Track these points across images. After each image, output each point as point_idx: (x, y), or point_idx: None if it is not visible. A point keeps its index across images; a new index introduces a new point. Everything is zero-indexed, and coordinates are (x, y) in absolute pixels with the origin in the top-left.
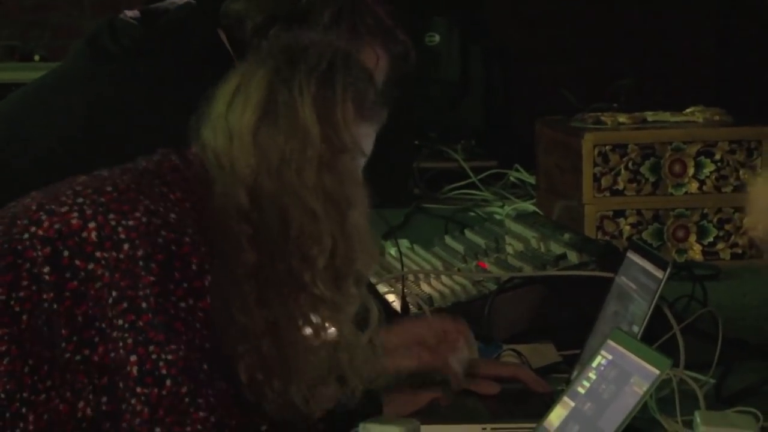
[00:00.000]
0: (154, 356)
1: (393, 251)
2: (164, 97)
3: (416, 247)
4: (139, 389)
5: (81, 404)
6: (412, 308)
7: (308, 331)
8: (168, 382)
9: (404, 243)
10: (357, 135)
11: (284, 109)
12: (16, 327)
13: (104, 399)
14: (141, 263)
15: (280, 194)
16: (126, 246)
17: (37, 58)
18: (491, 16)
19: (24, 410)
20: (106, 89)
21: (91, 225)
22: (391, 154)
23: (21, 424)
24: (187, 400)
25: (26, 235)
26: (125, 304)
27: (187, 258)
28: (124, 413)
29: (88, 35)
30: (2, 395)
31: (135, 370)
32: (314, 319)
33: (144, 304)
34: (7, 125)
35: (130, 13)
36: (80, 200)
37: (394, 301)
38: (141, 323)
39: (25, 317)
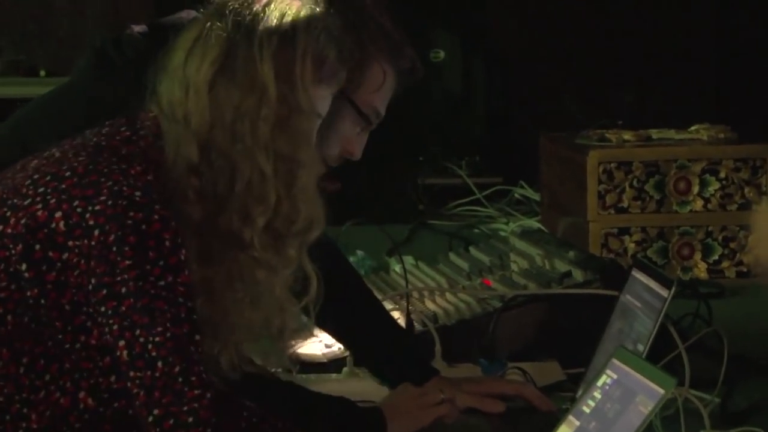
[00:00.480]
0: (141, 339)
1: (397, 268)
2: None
3: (420, 264)
4: (132, 373)
5: (82, 394)
6: (417, 326)
7: (241, 291)
8: (159, 364)
9: (408, 260)
10: (314, 96)
11: (243, 65)
12: (3, 328)
13: (112, 378)
14: (114, 248)
15: (230, 150)
16: (96, 232)
17: (42, 73)
18: (494, 29)
19: (25, 410)
20: (107, 95)
21: (58, 215)
22: (394, 170)
23: (24, 425)
24: (180, 379)
25: None
26: (105, 291)
27: (159, 235)
28: (124, 391)
29: (94, 49)
30: (0, 398)
31: (125, 354)
32: (249, 279)
33: (123, 289)
34: (16, 139)
35: (138, 28)
36: (41, 190)
37: (399, 318)
38: (123, 308)
39: (9, 317)
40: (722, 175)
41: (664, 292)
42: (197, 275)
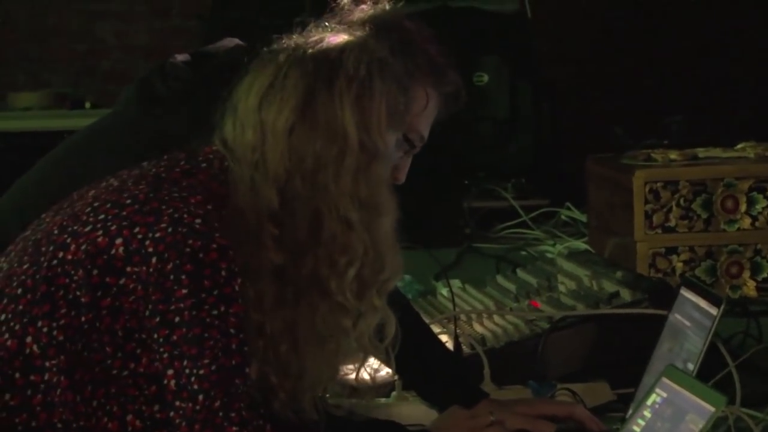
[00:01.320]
0: (187, 371)
1: (445, 291)
2: (211, 137)
3: (468, 287)
4: (177, 403)
5: (129, 417)
6: (465, 349)
7: (327, 337)
8: (201, 397)
9: (456, 283)
10: (389, 142)
11: (323, 113)
12: (63, 356)
13: (156, 407)
14: (171, 276)
15: (312, 198)
16: (154, 259)
17: (88, 105)
18: (539, 54)
19: None
20: (154, 132)
21: (118, 241)
22: (441, 194)
23: None
24: (221, 414)
25: (55, 262)
26: (158, 319)
27: (215, 264)
28: (167, 423)
29: (138, 79)
30: (59, 425)
31: (173, 383)
32: (334, 325)
33: (177, 318)
34: (60, 170)
35: (181, 57)
36: (102, 216)
37: (447, 342)
38: (175, 337)
39: (68, 345)
40: None
41: (713, 311)
42: (276, 318)
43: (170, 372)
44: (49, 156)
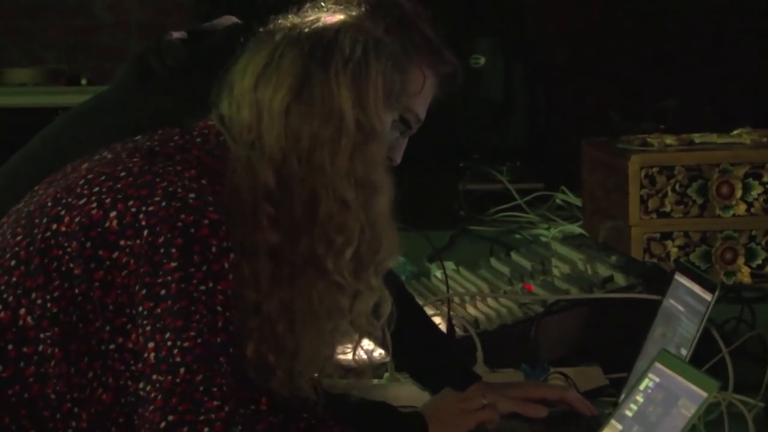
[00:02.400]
0: (169, 343)
1: (438, 273)
2: (205, 115)
3: (462, 270)
4: (154, 376)
5: (122, 391)
6: (458, 331)
7: (324, 316)
8: (182, 370)
9: (450, 265)
10: (386, 122)
11: (320, 93)
12: (57, 328)
13: (141, 384)
14: (162, 250)
15: (309, 178)
16: (146, 233)
17: (84, 81)
18: (535, 35)
19: (76, 409)
20: (149, 107)
21: (112, 214)
22: (435, 176)
23: (74, 423)
24: (201, 388)
25: (48, 234)
26: (144, 291)
27: (206, 240)
28: (141, 400)
29: (134, 56)
30: (52, 396)
31: (152, 356)
32: (332, 305)
33: (163, 291)
34: (54, 146)
35: (177, 34)
36: (96, 189)
37: (440, 324)
38: (159, 310)
39: (62, 316)
40: (765, 179)
41: (707, 296)
42: (273, 298)
43: (151, 345)
44: (43, 132)
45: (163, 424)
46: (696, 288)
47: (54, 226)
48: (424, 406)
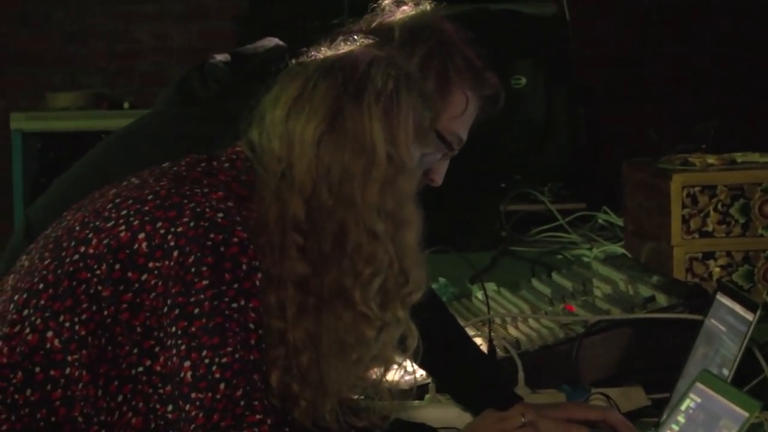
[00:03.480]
0: (207, 360)
1: (479, 294)
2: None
3: (503, 290)
4: (193, 395)
5: (152, 415)
6: (500, 352)
7: (349, 348)
8: (222, 386)
9: (491, 286)
10: (415, 157)
11: (352, 125)
12: (85, 351)
13: (170, 407)
14: (192, 269)
15: (338, 209)
16: (175, 253)
17: (126, 105)
18: (577, 57)
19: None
20: (193, 132)
21: (141, 236)
22: (477, 197)
23: None
24: (242, 403)
25: (77, 257)
26: (177, 311)
27: (236, 258)
28: (180, 421)
29: (178, 79)
30: (80, 419)
31: (189, 375)
32: (357, 336)
33: (196, 310)
34: (98, 170)
35: (220, 57)
36: (124, 212)
37: (481, 345)
38: (194, 329)
39: (90, 339)
40: None
41: (749, 316)
42: (298, 328)
43: (187, 364)
44: (87, 157)
45: None
46: (737, 308)
47: (82, 249)
48: (465, 427)
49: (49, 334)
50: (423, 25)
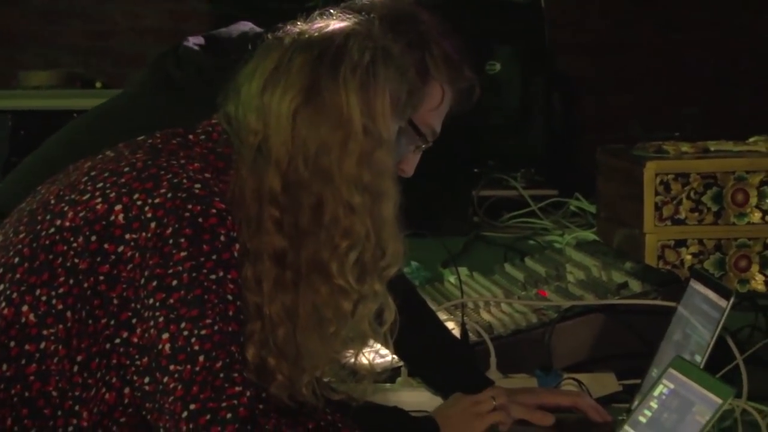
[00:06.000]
0: (185, 332)
1: (452, 279)
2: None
3: (476, 275)
4: (172, 367)
5: (127, 389)
6: (472, 336)
7: (326, 321)
8: (201, 358)
9: (464, 271)
10: (393, 131)
11: (328, 98)
12: (61, 326)
13: (146, 379)
14: (171, 240)
15: (315, 182)
16: (153, 224)
17: (99, 84)
18: (553, 44)
19: (77, 407)
20: (167, 115)
21: (117, 207)
22: (450, 182)
23: (74, 421)
24: (222, 375)
25: (53, 230)
26: (155, 283)
27: (214, 230)
28: (157, 393)
29: (152, 62)
30: (54, 393)
31: (167, 347)
32: (337, 312)
33: (175, 282)
34: (69, 150)
35: (195, 40)
36: (100, 185)
37: (454, 329)
38: (172, 300)
39: (69, 313)
40: None
41: (722, 303)
42: (275, 302)
43: (165, 336)
44: (58, 135)
45: (185, 414)
46: (711, 295)
47: (58, 222)
48: (435, 410)
49: (25, 308)
50: (402, 16)
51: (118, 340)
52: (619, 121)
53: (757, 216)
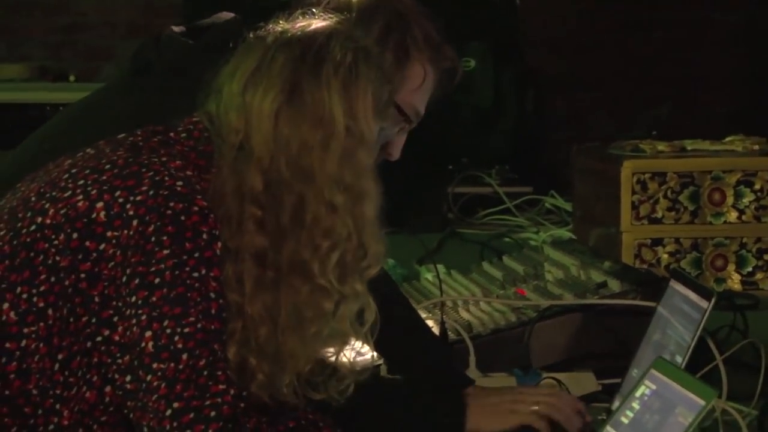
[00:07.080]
0: (168, 330)
1: (429, 276)
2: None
3: (453, 273)
4: (155, 365)
5: (107, 388)
6: (451, 335)
7: (307, 321)
8: (185, 356)
9: (441, 268)
10: (374, 130)
11: (310, 98)
12: (42, 324)
13: (128, 378)
14: (153, 239)
15: (297, 182)
16: (135, 222)
17: (72, 78)
18: (525, 41)
19: (58, 406)
20: (150, 99)
21: (99, 205)
22: (424, 179)
23: (55, 419)
24: (205, 373)
25: (33, 227)
26: (137, 281)
27: (197, 227)
28: (139, 392)
29: (135, 51)
30: (35, 391)
31: (150, 345)
32: (315, 309)
33: (157, 280)
34: (54, 145)
35: (177, 29)
36: (81, 182)
37: (432, 327)
38: (155, 298)
39: (50, 311)
40: (757, 186)
41: (703, 303)
42: (256, 301)
43: (148, 334)
44: (40, 131)
45: (168, 412)
46: (692, 295)
47: (39, 220)
48: (474, 393)
49: (5, 306)
50: (377, 1)
51: (99, 339)
52: (589, 118)
53: (733, 215)
